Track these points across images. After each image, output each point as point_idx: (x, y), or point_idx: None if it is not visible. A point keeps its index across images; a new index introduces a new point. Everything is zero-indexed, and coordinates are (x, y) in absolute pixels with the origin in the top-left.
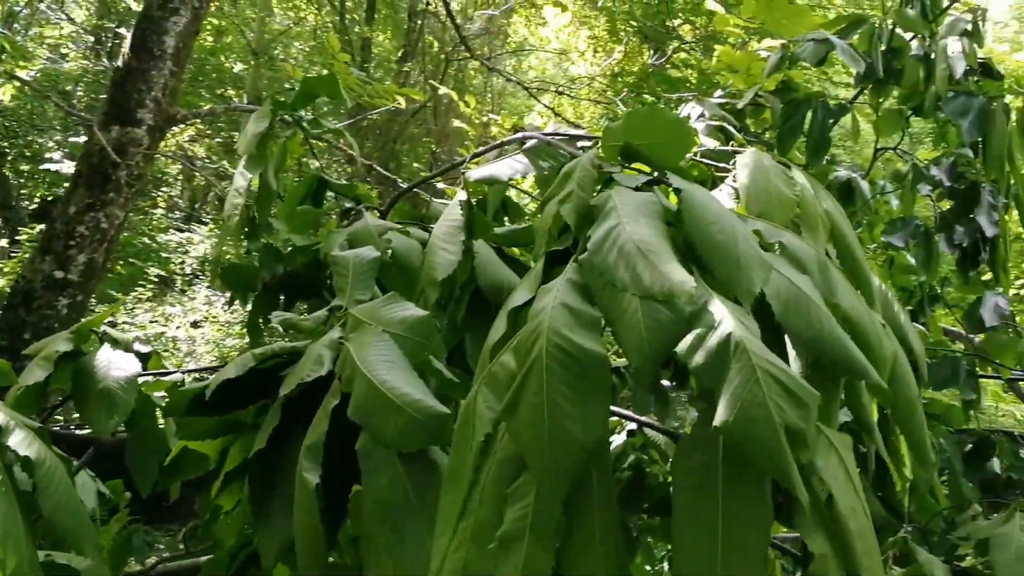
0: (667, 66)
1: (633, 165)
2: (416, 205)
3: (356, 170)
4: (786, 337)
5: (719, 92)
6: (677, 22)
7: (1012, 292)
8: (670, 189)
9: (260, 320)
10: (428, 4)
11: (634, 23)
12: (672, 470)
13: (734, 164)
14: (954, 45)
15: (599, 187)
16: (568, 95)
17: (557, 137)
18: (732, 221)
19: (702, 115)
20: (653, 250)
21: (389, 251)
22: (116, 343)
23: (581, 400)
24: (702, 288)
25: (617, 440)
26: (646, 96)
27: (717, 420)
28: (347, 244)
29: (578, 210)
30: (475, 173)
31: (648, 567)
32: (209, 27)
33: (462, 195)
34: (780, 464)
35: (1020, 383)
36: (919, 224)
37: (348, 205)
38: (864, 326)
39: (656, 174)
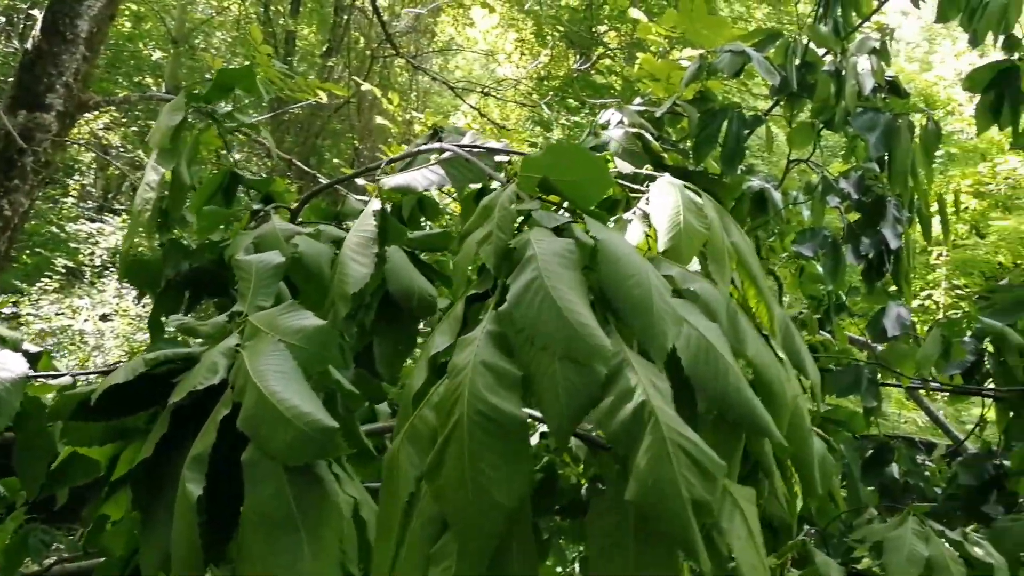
0: (592, 72)
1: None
2: (335, 201)
3: (276, 164)
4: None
5: (638, 99)
6: (603, 28)
7: (915, 303)
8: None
9: (163, 318)
10: None
11: (560, 28)
12: (586, 528)
13: (647, 186)
14: (863, 63)
15: (519, 220)
16: (494, 96)
17: (475, 150)
18: (647, 273)
19: (621, 122)
20: (572, 309)
21: (296, 255)
22: (3, 341)
23: (503, 464)
24: (618, 345)
25: (531, 441)
26: (571, 101)
27: (629, 494)
28: (253, 248)
29: (497, 253)
30: (390, 181)
31: (560, 568)
32: (127, 12)
33: (376, 204)
34: (687, 537)
35: (920, 391)
36: (827, 235)
37: (257, 206)
38: (768, 372)
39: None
